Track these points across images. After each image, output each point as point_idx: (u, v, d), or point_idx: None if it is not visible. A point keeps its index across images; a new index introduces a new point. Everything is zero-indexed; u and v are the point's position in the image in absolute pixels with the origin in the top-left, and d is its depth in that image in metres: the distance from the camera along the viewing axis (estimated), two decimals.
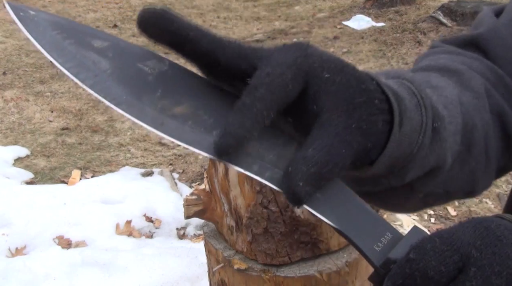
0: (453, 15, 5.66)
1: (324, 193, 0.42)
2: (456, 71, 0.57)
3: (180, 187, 3.20)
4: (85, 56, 0.43)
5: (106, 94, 0.42)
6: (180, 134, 0.41)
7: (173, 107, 0.43)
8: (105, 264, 2.36)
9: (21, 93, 4.75)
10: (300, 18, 6.94)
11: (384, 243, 0.41)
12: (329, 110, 0.41)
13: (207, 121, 0.43)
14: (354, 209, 0.43)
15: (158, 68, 0.45)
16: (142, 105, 0.42)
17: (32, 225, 2.67)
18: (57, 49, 0.43)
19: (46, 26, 0.44)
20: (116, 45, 0.45)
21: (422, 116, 0.45)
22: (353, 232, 0.41)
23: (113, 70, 0.43)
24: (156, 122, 0.41)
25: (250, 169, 0.42)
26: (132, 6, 8.00)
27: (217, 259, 1.08)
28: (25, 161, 3.62)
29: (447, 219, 2.72)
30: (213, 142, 0.40)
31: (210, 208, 1.08)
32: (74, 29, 0.45)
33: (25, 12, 0.44)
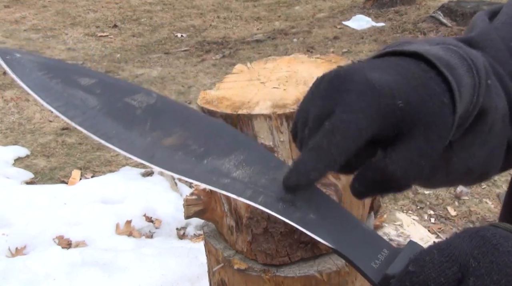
0: (453, 15, 5.66)
1: (320, 214, 0.43)
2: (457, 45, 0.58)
3: (180, 187, 3.20)
4: (72, 94, 0.43)
5: (95, 130, 0.42)
6: (172, 165, 0.42)
7: (163, 138, 0.43)
8: (105, 264, 2.36)
9: (21, 93, 4.75)
10: (300, 18, 6.94)
11: (381, 259, 0.42)
12: (410, 128, 0.43)
13: (197, 151, 0.43)
14: (350, 228, 0.43)
15: (146, 102, 0.45)
16: (132, 139, 0.42)
17: (32, 225, 2.67)
18: (43, 89, 0.43)
19: (32, 67, 0.44)
20: (103, 81, 0.46)
21: (475, 78, 0.47)
22: (350, 251, 0.42)
23: (102, 106, 0.43)
24: (147, 155, 0.42)
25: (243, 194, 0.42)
26: (132, 6, 8.00)
27: (217, 259, 1.08)
28: (25, 161, 3.62)
29: (447, 219, 2.72)
30: (284, 177, 0.41)
31: (210, 208, 1.08)
32: (60, 68, 0.45)
33: (12, 55, 0.44)
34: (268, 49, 5.71)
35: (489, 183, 2.98)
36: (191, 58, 5.61)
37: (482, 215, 2.72)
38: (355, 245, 0.42)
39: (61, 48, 6.18)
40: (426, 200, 2.88)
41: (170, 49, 5.98)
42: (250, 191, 0.42)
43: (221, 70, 5.09)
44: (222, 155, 0.44)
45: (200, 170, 0.42)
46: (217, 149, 0.45)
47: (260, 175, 0.43)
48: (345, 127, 0.41)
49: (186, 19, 7.28)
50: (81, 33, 6.74)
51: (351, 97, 0.42)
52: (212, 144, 0.45)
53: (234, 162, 0.44)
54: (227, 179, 0.43)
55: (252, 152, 0.45)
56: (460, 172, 0.55)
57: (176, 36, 6.51)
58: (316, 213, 0.43)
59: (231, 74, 1.09)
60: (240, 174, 0.43)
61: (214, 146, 0.44)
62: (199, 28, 6.83)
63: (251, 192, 0.42)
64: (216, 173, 0.43)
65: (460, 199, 2.87)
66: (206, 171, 0.42)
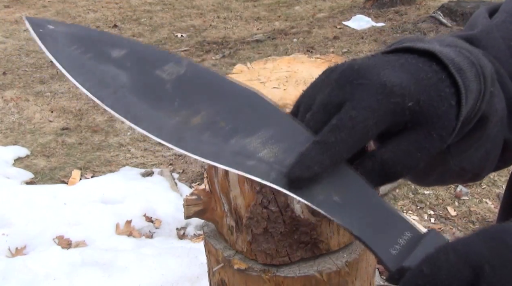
0: (453, 15, 5.66)
1: (343, 196, 0.42)
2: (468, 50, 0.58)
3: (180, 187, 3.19)
4: (104, 71, 0.44)
5: (126, 113, 0.42)
6: (198, 148, 0.42)
7: (191, 117, 0.43)
8: (105, 264, 2.36)
9: (21, 93, 4.75)
10: (300, 18, 6.94)
11: (402, 244, 0.41)
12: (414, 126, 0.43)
13: (224, 129, 0.43)
14: (373, 209, 0.42)
15: (176, 73, 0.45)
16: (161, 120, 0.43)
17: (32, 225, 2.67)
18: (76, 67, 0.43)
19: (64, 41, 0.44)
20: (134, 51, 0.46)
21: (481, 85, 0.47)
22: (370, 237, 0.41)
23: (132, 84, 0.44)
24: (175, 138, 0.42)
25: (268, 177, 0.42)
26: (132, 6, 8.00)
27: (217, 259, 1.08)
28: (25, 161, 3.62)
29: (447, 219, 2.72)
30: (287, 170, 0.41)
31: (210, 208, 1.08)
32: (92, 40, 0.45)
33: (44, 27, 0.44)
34: (268, 49, 5.71)
35: (489, 183, 2.98)
36: (191, 58, 5.62)
37: (482, 215, 2.72)
38: (376, 228, 0.41)
39: None
40: (426, 200, 2.88)
41: (170, 49, 5.98)
42: (274, 173, 0.42)
43: (221, 70, 5.09)
44: (250, 131, 0.44)
45: (227, 152, 0.42)
46: (246, 124, 0.44)
47: (287, 153, 0.43)
48: (353, 126, 0.41)
49: (186, 19, 7.28)
50: None
51: (362, 93, 0.42)
52: (241, 118, 0.44)
53: (262, 139, 0.43)
54: (253, 161, 0.42)
55: (282, 126, 0.44)
56: (453, 172, 0.55)
57: (176, 36, 6.51)
58: (340, 194, 0.42)
59: (231, 74, 1.09)
60: (266, 153, 0.42)
61: (243, 121, 0.44)
62: (199, 28, 6.83)
63: (275, 174, 0.42)
64: (242, 153, 0.42)
65: (460, 199, 2.87)
66: (233, 152, 0.42)
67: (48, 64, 5.59)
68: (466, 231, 2.63)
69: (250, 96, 0.46)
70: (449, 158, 0.52)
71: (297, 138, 0.44)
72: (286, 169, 0.42)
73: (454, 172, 0.55)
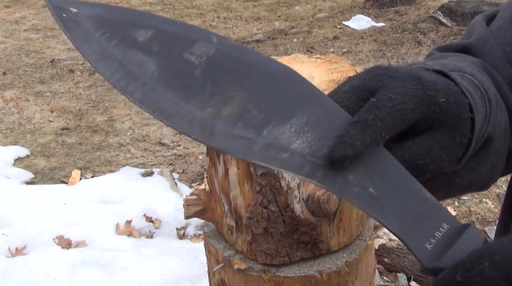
0: (453, 15, 5.66)
1: (379, 187, 0.41)
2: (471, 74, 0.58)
3: (180, 187, 3.19)
4: (131, 60, 0.42)
5: (156, 107, 0.41)
6: (230, 143, 0.40)
7: (223, 106, 0.41)
8: (105, 264, 2.36)
9: (21, 93, 4.75)
10: (300, 18, 6.94)
11: (438, 238, 0.40)
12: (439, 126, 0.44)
13: (257, 119, 0.41)
14: (411, 200, 0.41)
15: (205, 54, 0.43)
16: (191, 113, 0.41)
17: (32, 225, 2.67)
18: (103, 57, 0.42)
19: (89, 27, 0.42)
20: (160, 32, 0.43)
21: (486, 107, 0.49)
22: (406, 230, 0.40)
23: (160, 72, 0.42)
24: (205, 133, 0.40)
25: None
26: (132, 6, 8.00)
27: (217, 259, 1.08)
28: (25, 161, 3.62)
29: None
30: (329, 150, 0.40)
31: (210, 208, 1.08)
32: (117, 21, 0.43)
33: (67, 12, 0.42)
34: (268, 49, 5.71)
35: None
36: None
37: (482, 215, 2.72)
38: (413, 222, 0.40)
39: (61, 48, 6.18)
40: None
41: None
42: (308, 166, 0.40)
43: None
44: (283, 119, 0.41)
45: (259, 146, 0.40)
46: (279, 110, 0.42)
47: (322, 142, 0.41)
48: (391, 105, 0.41)
49: (186, 19, 7.28)
50: None
51: (398, 82, 0.43)
52: (275, 103, 0.42)
53: (296, 127, 0.41)
54: (286, 153, 0.40)
55: (317, 109, 0.42)
56: (461, 186, 0.56)
57: None
58: (375, 186, 0.41)
59: None
60: (300, 144, 0.41)
61: (276, 107, 0.42)
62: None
63: (310, 167, 0.40)
64: (275, 146, 0.41)
65: (460, 199, 2.87)
66: (265, 145, 0.40)
67: (48, 64, 5.60)
68: None
69: (284, 74, 0.44)
70: (455, 176, 0.53)
71: (333, 123, 0.42)
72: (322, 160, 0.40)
73: (462, 186, 0.55)
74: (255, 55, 0.44)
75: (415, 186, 0.42)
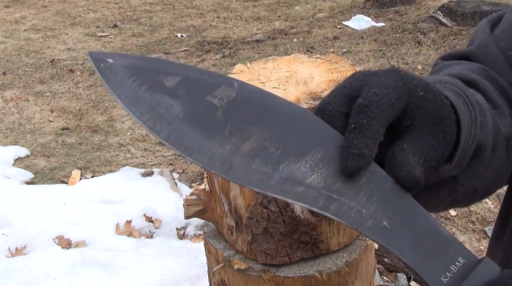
0: (453, 15, 5.66)
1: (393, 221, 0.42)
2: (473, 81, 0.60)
3: (180, 187, 3.19)
4: (159, 102, 0.45)
5: (180, 144, 0.44)
6: (248, 178, 0.43)
7: (242, 144, 0.44)
8: (105, 264, 2.36)
9: (21, 93, 4.75)
10: (300, 18, 6.94)
11: (454, 271, 0.40)
12: (421, 123, 0.45)
13: (274, 155, 0.44)
14: (425, 234, 0.42)
15: (227, 97, 0.46)
16: (212, 149, 0.44)
17: (32, 225, 2.67)
18: (134, 101, 0.45)
19: (123, 74, 0.46)
20: (186, 78, 0.47)
21: (471, 112, 0.50)
22: (421, 265, 0.40)
23: (185, 114, 0.45)
24: (224, 167, 0.43)
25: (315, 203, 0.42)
26: (132, 6, 8.00)
27: (217, 259, 1.08)
28: (25, 161, 3.62)
29: (447, 219, 2.72)
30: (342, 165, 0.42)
31: (210, 208, 1.08)
32: (148, 69, 0.47)
33: (105, 62, 0.46)
34: (268, 49, 5.71)
35: None
36: (191, 58, 5.61)
37: (482, 215, 2.72)
38: (428, 256, 0.41)
39: (61, 48, 6.18)
40: None
41: (170, 49, 5.98)
42: (323, 199, 0.42)
43: (221, 70, 5.09)
44: (299, 155, 0.44)
45: (275, 179, 0.43)
46: (295, 147, 0.45)
47: (336, 177, 0.43)
48: (378, 100, 0.43)
49: (186, 19, 7.28)
50: (81, 33, 6.74)
51: (379, 77, 0.45)
52: (291, 141, 0.45)
53: (311, 163, 0.44)
54: (301, 187, 0.42)
55: (331, 147, 0.45)
56: (467, 193, 0.56)
57: (176, 36, 6.52)
58: (389, 219, 0.42)
59: (231, 74, 1.09)
60: (314, 179, 0.43)
61: (292, 144, 0.44)
62: (199, 28, 6.83)
63: (324, 200, 0.42)
64: (290, 180, 0.43)
65: None
66: (281, 179, 0.43)
67: (48, 64, 5.60)
68: (466, 231, 2.63)
69: (300, 115, 0.47)
70: (458, 186, 0.54)
71: None
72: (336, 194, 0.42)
73: (467, 193, 0.56)
74: (274, 98, 0.48)
75: (429, 220, 0.43)
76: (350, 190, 0.43)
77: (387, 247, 0.41)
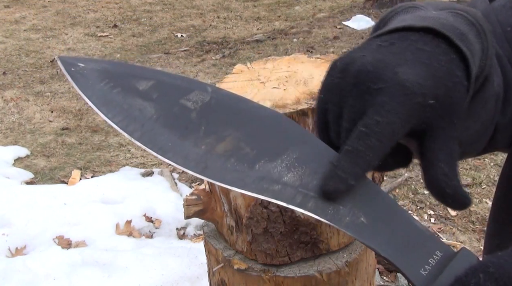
0: None
1: (370, 216, 0.42)
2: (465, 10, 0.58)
3: (180, 187, 3.19)
4: (131, 105, 0.45)
5: (153, 144, 0.44)
6: (223, 176, 0.43)
7: (216, 144, 0.44)
8: (105, 264, 2.36)
9: (21, 93, 4.75)
10: (300, 18, 6.94)
11: (432, 264, 0.41)
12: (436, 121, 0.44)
13: (249, 155, 0.44)
14: (401, 229, 0.42)
15: (200, 101, 0.46)
16: (187, 149, 0.44)
17: (32, 225, 2.67)
18: (105, 103, 0.45)
19: (94, 78, 0.46)
20: (159, 82, 0.47)
21: (483, 43, 0.48)
22: (399, 258, 0.41)
23: (158, 115, 0.45)
24: (200, 167, 0.43)
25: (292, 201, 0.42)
26: (132, 6, 8.00)
27: (217, 259, 1.08)
28: (25, 161, 3.62)
29: (447, 219, 2.72)
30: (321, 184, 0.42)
31: (210, 208, 1.08)
32: (120, 74, 0.47)
33: (76, 66, 0.46)
34: (268, 49, 5.71)
35: (489, 183, 2.98)
36: (191, 58, 5.61)
37: (482, 215, 2.72)
38: (406, 249, 0.41)
39: (61, 48, 6.18)
40: (426, 200, 2.88)
41: (170, 49, 5.98)
42: (300, 197, 0.42)
43: (221, 70, 5.09)
44: (274, 155, 0.44)
45: (251, 178, 0.43)
46: (270, 148, 0.45)
47: (312, 176, 0.43)
48: (380, 131, 0.41)
49: (186, 19, 7.28)
50: (81, 33, 6.74)
51: (384, 98, 0.42)
52: (266, 142, 0.45)
53: (286, 162, 0.44)
54: (278, 185, 0.43)
55: (307, 148, 0.45)
56: None
57: (176, 36, 6.51)
58: (366, 215, 0.42)
59: (231, 74, 1.09)
60: (291, 177, 0.43)
61: (268, 145, 0.45)
62: (199, 28, 6.83)
63: (301, 198, 0.42)
64: (267, 179, 0.43)
65: None
66: (257, 178, 0.43)
67: (48, 64, 5.60)
68: (466, 231, 2.63)
69: (274, 118, 0.47)
70: None
71: (322, 160, 0.44)
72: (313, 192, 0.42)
73: None
74: (248, 102, 0.48)
75: (404, 215, 0.43)
76: None
77: (365, 242, 0.41)
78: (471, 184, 2.99)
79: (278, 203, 0.42)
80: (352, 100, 0.44)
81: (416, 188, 2.97)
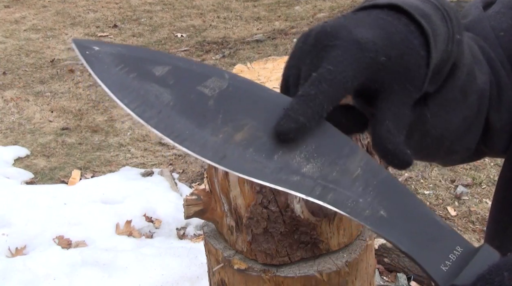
0: None
1: (390, 210, 0.41)
2: None
3: (180, 187, 3.20)
4: (148, 90, 0.44)
5: (170, 131, 0.43)
6: (241, 166, 0.42)
7: (235, 133, 0.43)
8: (105, 264, 2.36)
9: (21, 93, 4.75)
10: (300, 18, 6.94)
11: (453, 260, 0.40)
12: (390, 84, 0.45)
13: (268, 144, 0.43)
14: (422, 223, 0.41)
15: (218, 88, 0.45)
16: (205, 138, 0.43)
17: (32, 225, 2.67)
18: (121, 88, 0.44)
19: (110, 62, 0.45)
20: (176, 68, 0.46)
21: (448, 27, 0.49)
22: (420, 253, 0.40)
23: (175, 102, 0.44)
24: (218, 156, 0.42)
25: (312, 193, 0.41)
26: (132, 6, 8.00)
27: (217, 259, 1.08)
28: (25, 161, 3.62)
29: (447, 219, 2.72)
30: (274, 126, 0.42)
31: (210, 208, 1.08)
32: (136, 58, 0.46)
33: (90, 49, 0.45)
34: (268, 49, 5.71)
35: (489, 183, 2.98)
36: (191, 58, 5.62)
37: (482, 215, 2.72)
38: (426, 244, 0.40)
39: (61, 48, 6.19)
40: (426, 200, 2.88)
41: (170, 49, 5.98)
42: (319, 189, 0.42)
43: None
44: (293, 145, 0.43)
45: (270, 169, 0.42)
46: None
47: (331, 167, 0.43)
48: (331, 77, 0.42)
49: (186, 19, 7.28)
50: (81, 33, 6.74)
51: (337, 52, 0.44)
52: None
53: (305, 153, 0.43)
54: (297, 176, 0.42)
55: (325, 137, 0.44)
56: (434, 138, 0.55)
57: (176, 36, 6.52)
58: (386, 209, 0.41)
59: None
60: (310, 168, 0.42)
61: None
62: (199, 28, 6.84)
63: (320, 190, 0.42)
64: (286, 169, 0.42)
65: (460, 199, 2.87)
66: (276, 169, 0.42)
67: (48, 64, 5.60)
68: (466, 231, 2.63)
69: None
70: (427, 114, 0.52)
71: (341, 150, 0.44)
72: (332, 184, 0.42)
73: (434, 138, 0.55)
74: (266, 90, 0.47)
75: (424, 209, 0.42)
76: (346, 180, 0.42)
77: (385, 236, 0.41)
78: (471, 184, 2.99)
79: (297, 194, 0.41)
80: (309, 59, 0.45)
81: (416, 188, 2.97)
